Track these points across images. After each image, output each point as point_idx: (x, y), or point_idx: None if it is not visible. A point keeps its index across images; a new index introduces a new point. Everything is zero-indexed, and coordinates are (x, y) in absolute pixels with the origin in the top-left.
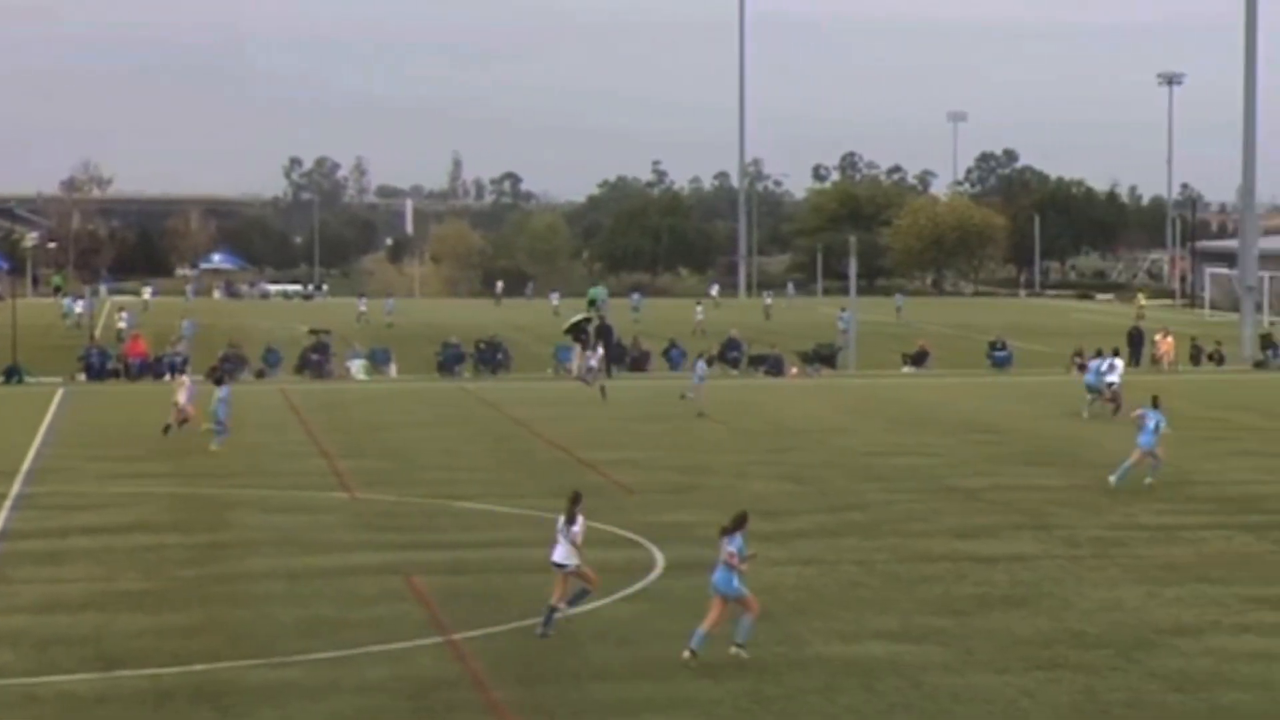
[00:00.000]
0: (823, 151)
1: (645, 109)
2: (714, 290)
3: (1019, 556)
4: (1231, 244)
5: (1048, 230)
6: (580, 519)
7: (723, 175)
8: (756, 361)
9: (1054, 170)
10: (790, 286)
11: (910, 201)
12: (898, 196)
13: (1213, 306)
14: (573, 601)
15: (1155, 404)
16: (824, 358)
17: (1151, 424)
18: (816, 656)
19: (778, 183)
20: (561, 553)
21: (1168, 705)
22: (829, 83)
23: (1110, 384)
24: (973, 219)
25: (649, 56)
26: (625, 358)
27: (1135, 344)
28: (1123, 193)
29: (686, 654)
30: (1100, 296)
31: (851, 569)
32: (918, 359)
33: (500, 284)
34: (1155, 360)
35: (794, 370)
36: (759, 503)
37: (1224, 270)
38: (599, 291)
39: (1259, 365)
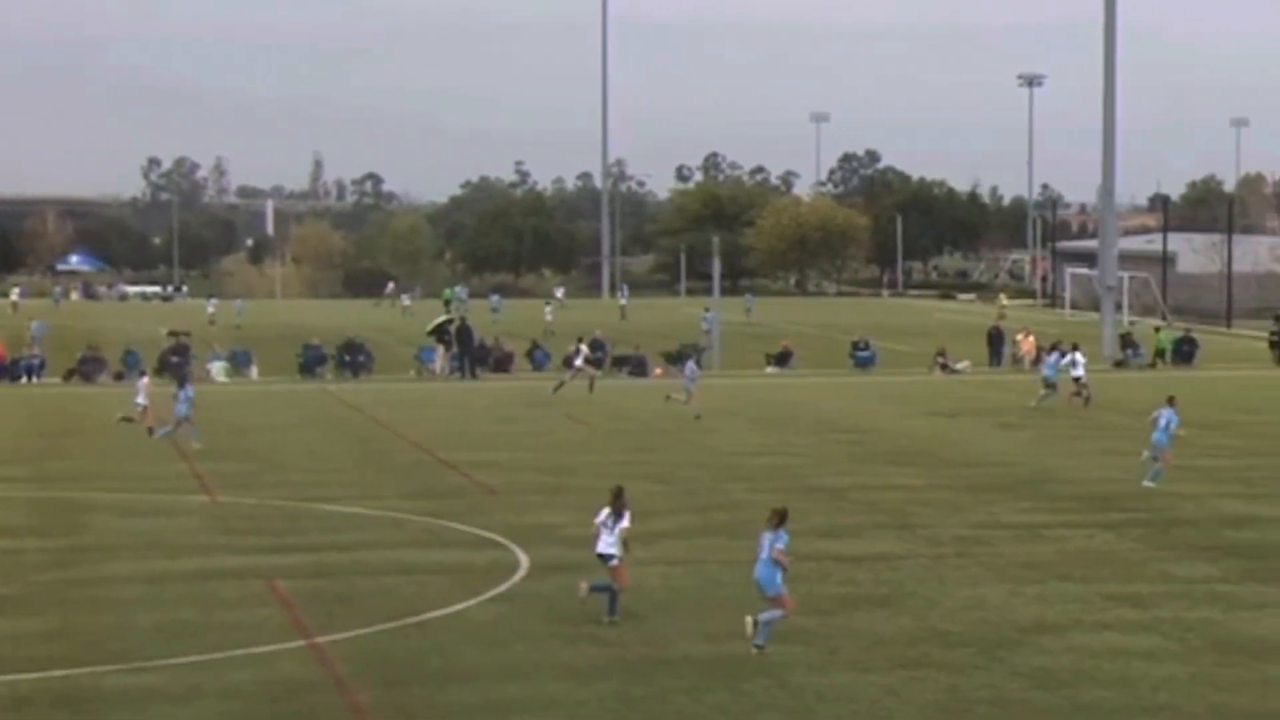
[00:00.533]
0: (686, 152)
1: (508, 109)
2: (559, 293)
3: (883, 556)
4: (1091, 244)
5: (910, 230)
6: (627, 513)
7: (586, 176)
8: (620, 362)
9: (916, 171)
10: (624, 288)
11: (773, 202)
12: (761, 197)
13: (1073, 306)
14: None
15: (1171, 403)
16: (688, 358)
17: (1163, 422)
18: (683, 657)
19: (641, 183)
20: (606, 544)
21: (1030, 703)
22: (692, 83)
23: (1077, 378)
24: (835, 219)
25: (512, 57)
26: (488, 358)
27: (995, 344)
28: (984, 193)
29: (755, 649)
30: (962, 296)
31: (717, 569)
32: (781, 359)
33: (391, 285)
34: (1017, 360)
35: (658, 371)
36: None
37: (1084, 270)
38: (454, 291)
39: (1119, 364)
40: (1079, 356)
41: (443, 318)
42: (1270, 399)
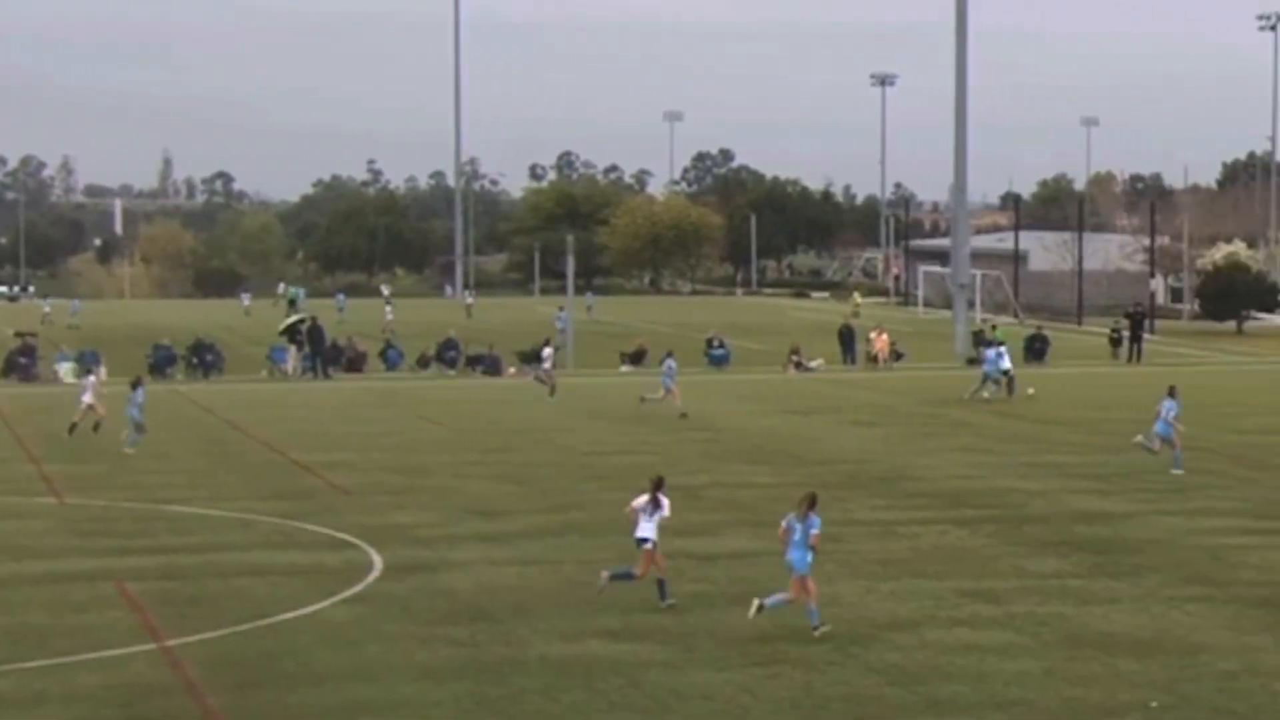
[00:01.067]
0: (539, 151)
1: (360, 108)
2: (385, 290)
3: (738, 554)
4: (944, 242)
5: (764, 229)
6: (666, 501)
7: (439, 175)
8: (474, 361)
9: (770, 170)
10: (448, 288)
11: (627, 200)
12: (615, 195)
13: (926, 304)
14: (662, 595)
15: (1172, 393)
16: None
17: (1165, 413)
18: (538, 657)
19: (494, 182)
20: (646, 529)
21: (885, 699)
22: (546, 82)
23: (1005, 370)
24: (689, 218)
25: (364, 56)
26: (341, 358)
27: (846, 341)
28: (837, 192)
29: (754, 608)
30: (816, 295)
31: (573, 568)
32: (636, 357)
33: (283, 285)
34: (871, 358)
35: (512, 370)
36: (479, 503)
37: (937, 268)
38: (296, 291)
39: (971, 362)
40: (1003, 349)
41: (295, 317)
42: (1120, 395)
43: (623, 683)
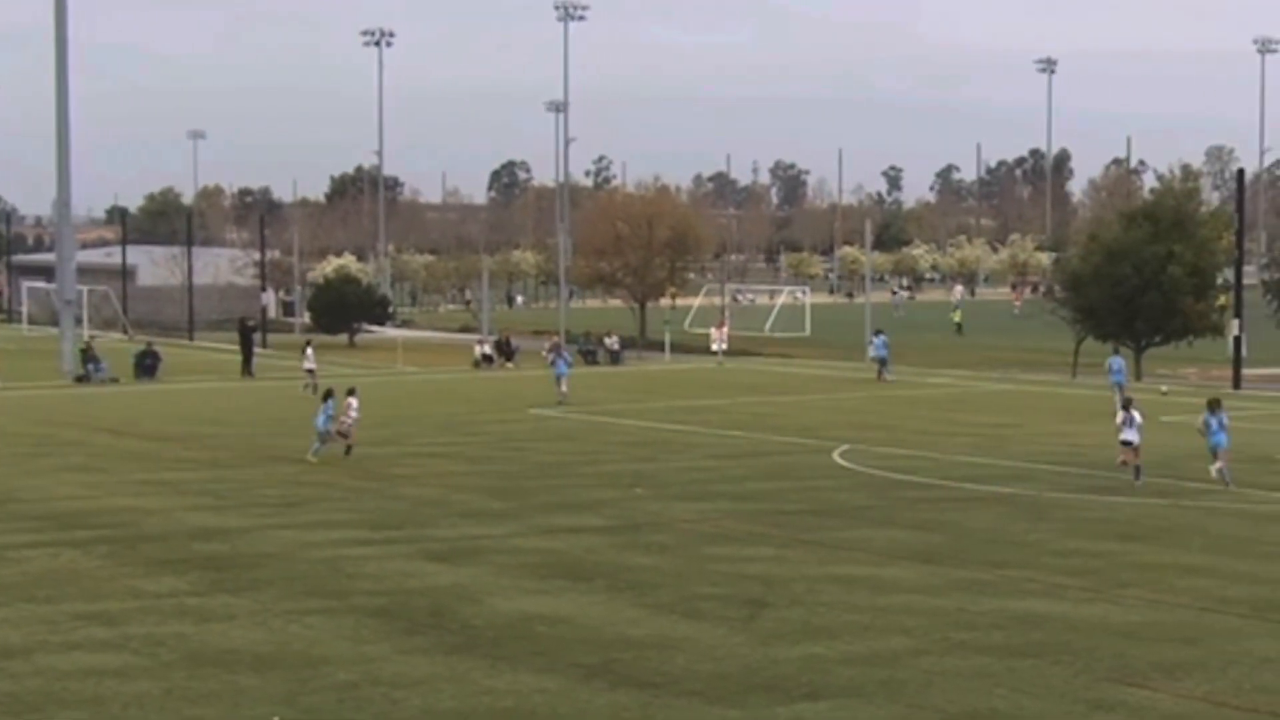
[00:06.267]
0: None
1: None
2: None
3: None
4: (49, 257)
5: None
6: (1137, 414)
7: None
8: None
9: None
10: None
11: None
12: None
13: (31, 321)
14: (1137, 475)
15: (1117, 351)
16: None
17: (1116, 366)
18: None
19: None
20: (1130, 434)
21: None
22: None
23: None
24: None
25: None
26: None
27: None
28: None
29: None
30: None
31: None
32: None
33: None
34: None
35: None
36: None
37: (42, 284)
38: None
39: (81, 379)
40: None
41: None
42: (232, 410)
43: None
